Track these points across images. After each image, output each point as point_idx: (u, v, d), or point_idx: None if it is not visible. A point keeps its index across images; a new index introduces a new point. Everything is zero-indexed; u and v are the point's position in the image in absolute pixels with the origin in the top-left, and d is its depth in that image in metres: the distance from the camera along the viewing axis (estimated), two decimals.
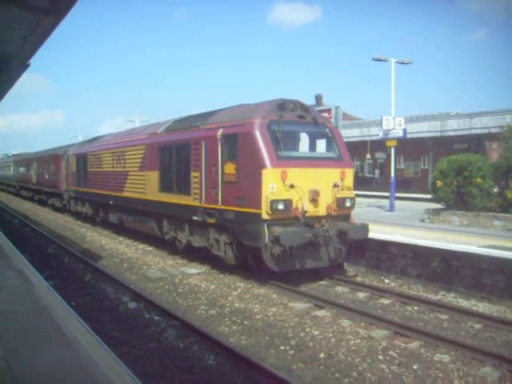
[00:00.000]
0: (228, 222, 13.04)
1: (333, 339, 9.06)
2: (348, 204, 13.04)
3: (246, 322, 10.05)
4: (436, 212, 19.05)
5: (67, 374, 5.16)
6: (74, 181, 27.45)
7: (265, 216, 11.78)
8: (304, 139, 13.77)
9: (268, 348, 8.69)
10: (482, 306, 11.08)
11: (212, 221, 13.72)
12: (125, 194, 19.97)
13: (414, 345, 8.78)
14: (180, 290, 12.60)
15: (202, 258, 15.35)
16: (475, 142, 34.05)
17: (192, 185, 14.63)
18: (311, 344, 8.84)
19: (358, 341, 8.99)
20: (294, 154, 12.90)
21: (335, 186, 12.87)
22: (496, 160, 21.19)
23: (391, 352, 8.45)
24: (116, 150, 21.38)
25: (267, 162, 11.91)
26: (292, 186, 12.00)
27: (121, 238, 21.23)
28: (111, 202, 21.87)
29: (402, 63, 27.52)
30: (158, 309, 10.76)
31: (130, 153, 19.74)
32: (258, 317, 10.40)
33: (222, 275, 14.10)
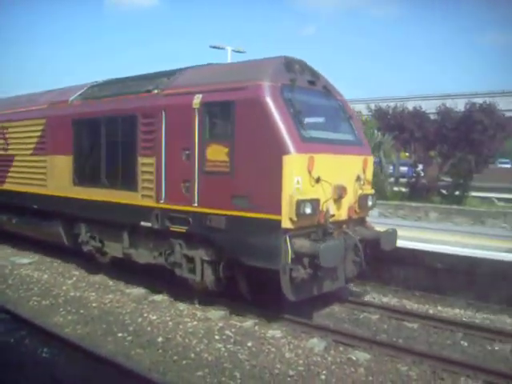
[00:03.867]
0: (213, 232, 9.21)
1: (170, 323, 9.18)
2: (370, 203, 10.11)
3: (81, 311, 9.81)
4: None
5: None
6: None
7: (287, 224, 8.31)
8: (318, 114, 10.25)
9: (105, 336, 8.59)
10: None
11: (180, 229, 9.78)
12: (7, 186, 14.74)
13: (249, 323, 9.21)
14: (10, 282, 11.91)
15: (36, 247, 14.43)
16: None
17: (140, 176, 10.45)
18: (149, 329, 8.89)
19: (196, 323, 9.21)
20: (318, 134, 9.38)
21: (358, 179, 9.78)
22: None
23: (227, 331, 8.78)
24: None
25: (290, 144, 8.37)
26: (318, 180, 8.71)
27: None
28: None
29: (238, 52, 28.32)
30: None
31: (16, 129, 14.47)
32: (94, 305, 10.21)
33: (55, 264, 13.60)
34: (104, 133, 11.37)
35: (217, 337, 8.53)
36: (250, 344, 8.22)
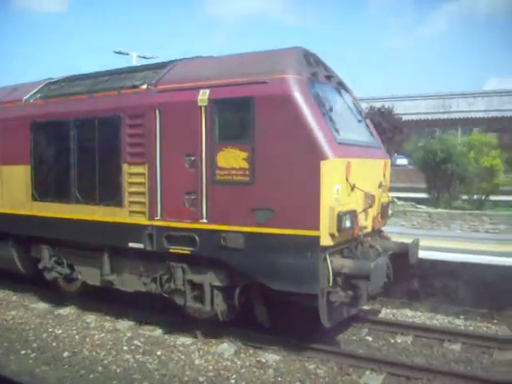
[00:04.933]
0: (228, 253, 7.81)
1: (77, 336, 8.96)
2: (390, 212, 9.25)
3: None
4: None
5: None
6: None
7: (326, 241, 7.15)
8: (339, 113, 8.59)
9: (8, 354, 8.25)
10: None
11: (183, 251, 8.23)
12: None
13: (158, 332, 9.14)
14: None
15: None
16: None
17: (126, 188, 8.76)
18: (54, 344, 8.63)
19: (103, 335, 9.03)
20: (348, 135, 8.11)
21: (380, 185, 8.79)
22: None
23: (136, 341, 8.66)
24: None
25: (327, 148, 7.17)
26: (353, 189, 7.67)
27: None
28: None
29: (144, 57, 28.14)
30: None
31: None
32: None
33: None
34: (75, 137, 9.46)
35: (125, 347, 8.40)
36: (159, 353, 8.16)
